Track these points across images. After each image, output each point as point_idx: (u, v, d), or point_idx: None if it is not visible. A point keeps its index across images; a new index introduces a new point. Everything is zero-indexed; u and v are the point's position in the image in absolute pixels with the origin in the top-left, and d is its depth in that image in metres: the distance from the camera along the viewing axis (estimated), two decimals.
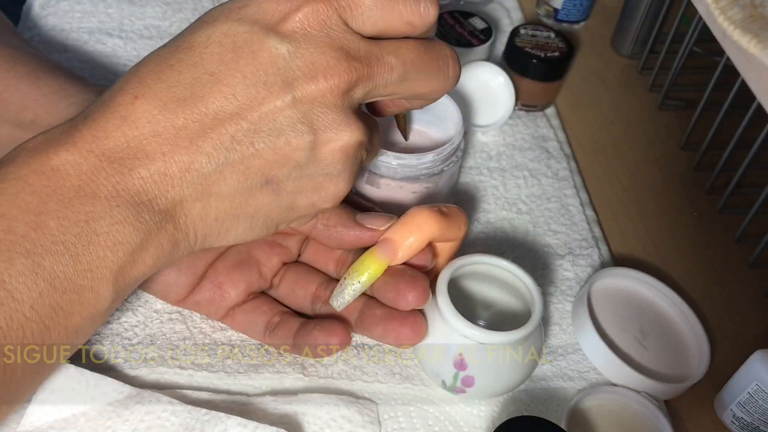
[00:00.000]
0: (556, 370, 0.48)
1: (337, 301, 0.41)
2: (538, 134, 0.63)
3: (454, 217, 0.42)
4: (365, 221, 0.41)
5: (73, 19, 0.64)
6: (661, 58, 0.68)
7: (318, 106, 0.33)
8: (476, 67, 0.61)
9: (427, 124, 0.54)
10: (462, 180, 0.58)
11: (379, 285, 0.41)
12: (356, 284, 0.40)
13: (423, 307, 0.41)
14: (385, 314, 0.41)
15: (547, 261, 0.54)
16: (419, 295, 0.40)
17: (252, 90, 0.32)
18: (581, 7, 0.73)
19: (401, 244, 0.40)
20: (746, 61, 0.33)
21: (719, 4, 0.34)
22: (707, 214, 0.60)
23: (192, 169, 0.32)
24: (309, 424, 0.41)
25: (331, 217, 0.41)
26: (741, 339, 0.52)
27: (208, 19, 0.34)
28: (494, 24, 0.68)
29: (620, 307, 0.51)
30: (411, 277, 0.40)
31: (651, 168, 0.63)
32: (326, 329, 0.41)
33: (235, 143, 0.33)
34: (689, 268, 0.56)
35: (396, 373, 0.45)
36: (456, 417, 0.44)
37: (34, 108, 0.43)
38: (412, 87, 0.37)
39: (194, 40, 0.33)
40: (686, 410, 0.48)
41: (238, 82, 0.32)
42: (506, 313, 0.47)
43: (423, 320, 0.41)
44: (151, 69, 0.33)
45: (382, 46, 0.35)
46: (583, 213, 0.58)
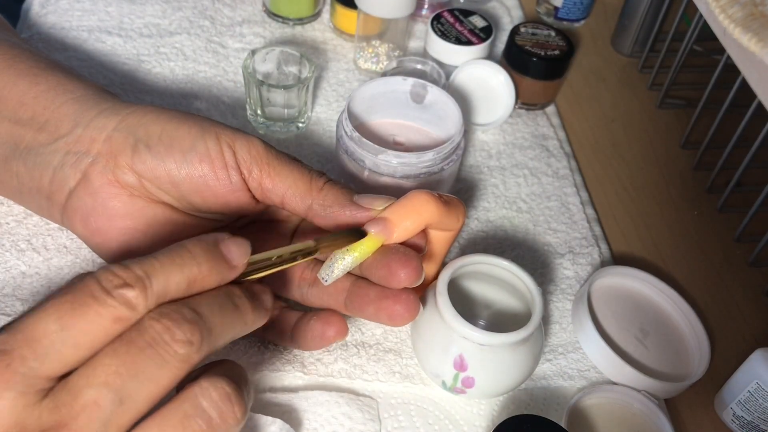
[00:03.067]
0: (556, 369, 0.48)
1: (325, 273, 0.38)
2: (538, 133, 0.63)
3: (453, 206, 0.41)
4: (362, 201, 0.40)
5: (72, 17, 0.64)
6: (661, 57, 0.68)
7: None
8: (476, 66, 0.61)
9: (427, 123, 0.54)
10: (462, 178, 0.58)
11: (370, 263, 0.39)
12: (347, 259, 0.38)
13: (415, 285, 0.40)
14: (378, 293, 0.40)
15: (548, 260, 0.54)
16: (411, 273, 0.38)
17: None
18: (581, 5, 0.73)
19: (397, 223, 0.39)
20: (746, 59, 0.33)
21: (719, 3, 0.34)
22: (707, 212, 0.60)
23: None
24: (309, 420, 0.41)
25: (327, 197, 0.40)
26: (741, 337, 0.52)
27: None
28: (494, 22, 0.68)
29: (620, 306, 0.51)
30: (403, 255, 0.39)
31: (651, 167, 0.63)
32: (323, 319, 0.41)
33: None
34: (689, 266, 0.56)
35: (396, 371, 0.45)
36: (456, 416, 0.44)
37: (33, 105, 0.43)
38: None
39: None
40: (686, 409, 0.48)
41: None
42: (506, 312, 0.47)
43: (416, 298, 0.40)
44: None
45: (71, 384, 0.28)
46: (583, 212, 0.58)
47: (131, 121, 0.41)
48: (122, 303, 0.28)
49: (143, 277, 0.29)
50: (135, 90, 0.59)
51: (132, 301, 0.28)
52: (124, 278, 0.29)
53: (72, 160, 0.41)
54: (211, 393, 0.29)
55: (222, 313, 0.31)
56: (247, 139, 0.41)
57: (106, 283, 0.28)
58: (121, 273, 0.29)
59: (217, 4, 0.68)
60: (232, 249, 0.32)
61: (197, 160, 0.40)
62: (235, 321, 0.32)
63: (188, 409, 0.29)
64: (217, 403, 0.29)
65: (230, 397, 0.29)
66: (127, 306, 0.28)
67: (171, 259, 0.30)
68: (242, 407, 0.30)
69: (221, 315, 0.31)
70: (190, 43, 0.64)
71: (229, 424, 0.29)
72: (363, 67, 0.65)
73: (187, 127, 0.41)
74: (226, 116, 0.59)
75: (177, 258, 0.30)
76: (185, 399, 0.29)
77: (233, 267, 0.32)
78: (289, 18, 0.67)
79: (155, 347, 0.28)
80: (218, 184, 0.40)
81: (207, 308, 0.30)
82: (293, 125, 0.58)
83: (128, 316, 0.28)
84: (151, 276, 0.29)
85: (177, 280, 0.30)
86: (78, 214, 0.42)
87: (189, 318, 0.29)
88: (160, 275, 0.29)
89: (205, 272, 0.31)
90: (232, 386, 0.30)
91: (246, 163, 0.40)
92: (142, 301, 0.29)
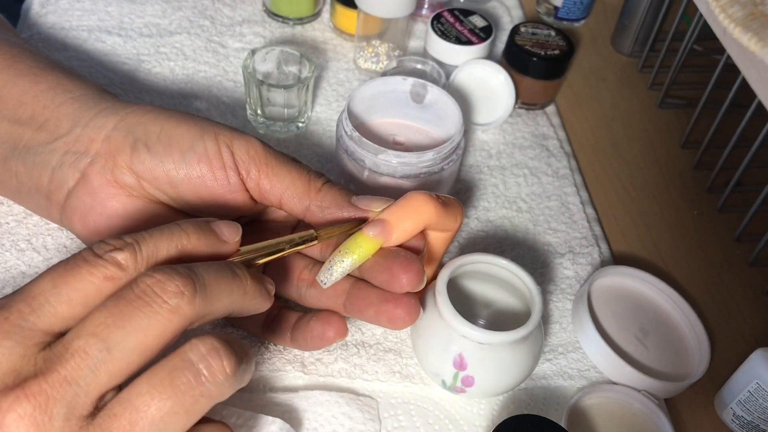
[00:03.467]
0: (556, 369, 0.48)
1: (324, 276, 0.39)
2: (538, 132, 0.63)
3: (451, 207, 0.41)
4: (360, 203, 0.40)
5: (72, 17, 0.64)
6: (661, 57, 0.68)
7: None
8: (476, 66, 0.61)
9: (427, 123, 0.54)
10: (462, 178, 0.58)
11: (370, 266, 0.39)
12: (346, 262, 0.38)
13: (417, 290, 0.39)
14: (379, 296, 0.39)
15: (547, 259, 0.54)
16: (413, 278, 0.38)
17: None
18: (581, 5, 0.73)
19: (396, 225, 0.39)
20: (747, 59, 0.33)
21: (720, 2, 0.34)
22: (707, 212, 0.60)
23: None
24: (309, 420, 0.41)
25: (325, 198, 0.40)
26: (741, 337, 0.52)
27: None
28: (494, 22, 0.68)
29: (620, 306, 0.51)
30: (405, 259, 0.39)
31: (651, 166, 0.63)
32: (323, 319, 0.41)
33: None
34: (689, 266, 0.56)
35: (396, 371, 0.45)
36: (456, 415, 0.44)
37: (32, 104, 0.43)
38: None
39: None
40: (686, 409, 0.48)
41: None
42: (506, 311, 0.47)
43: (416, 301, 0.40)
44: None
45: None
46: (583, 211, 0.58)
47: (130, 121, 0.41)
48: (112, 263, 0.30)
49: (133, 242, 0.31)
50: (135, 90, 0.59)
51: (122, 262, 0.30)
52: (114, 244, 0.31)
53: (71, 160, 0.41)
54: (199, 347, 0.30)
55: (218, 274, 0.32)
56: (246, 139, 0.41)
57: (98, 249, 0.31)
58: (112, 241, 0.31)
59: (217, 4, 0.68)
60: (222, 226, 0.35)
61: (195, 160, 0.40)
62: (233, 286, 0.32)
63: (176, 363, 0.29)
64: (205, 356, 0.29)
65: (218, 351, 0.30)
66: (117, 266, 0.30)
67: (160, 231, 0.32)
68: (232, 362, 0.30)
69: (217, 276, 0.32)
70: (190, 42, 0.64)
71: (219, 379, 0.29)
72: (363, 66, 0.65)
73: (186, 127, 0.41)
74: (226, 116, 0.59)
75: (166, 230, 0.33)
76: (174, 355, 0.30)
77: (223, 241, 0.34)
78: (289, 18, 0.67)
79: (144, 298, 0.29)
80: (216, 184, 0.40)
81: (203, 268, 0.31)
82: (293, 125, 0.58)
83: (119, 275, 0.30)
84: (140, 242, 0.31)
85: (167, 247, 0.32)
86: (77, 214, 0.42)
87: (182, 272, 0.30)
88: (149, 241, 0.32)
89: (194, 241, 0.33)
90: (221, 341, 0.30)
91: (244, 163, 0.40)
92: (131, 262, 0.31)
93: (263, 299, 0.35)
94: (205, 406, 0.30)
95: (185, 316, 0.30)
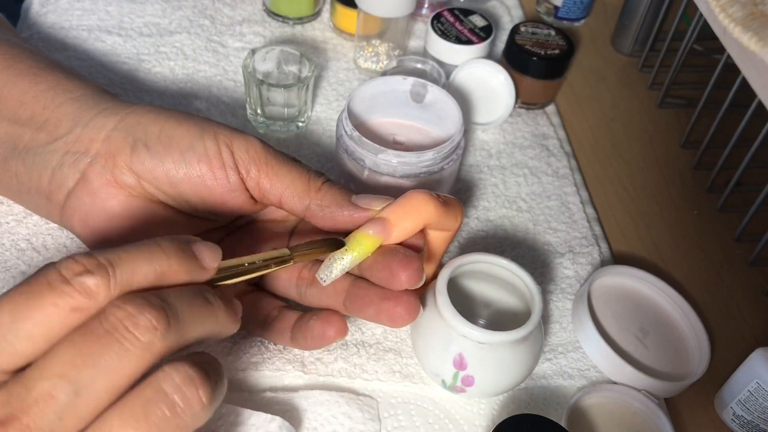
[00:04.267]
0: (556, 369, 0.48)
1: (323, 274, 0.38)
2: (538, 132, 0.63)
3: (451, 206, 0.41)
4: (360, 202, 0.40)
5: (72, 16, 0.64)
6: (661, 57, 0.68)
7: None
8: (476, 65, 0.61)
9: (427, 122, 0.54)
10: (462, 178, 0.58)
11: (370, 264, 0.39)
12: (345, 260, 0.38)
13: (416, 287, 0.39)
14: (379, 294, 0.39)
15: (548, 259, 0.54)
16: (413, 275, 0.38)
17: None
18: (581, 4, 0.73)
19: (396, 223, 0.39)
20: (747, 58, 0.33)
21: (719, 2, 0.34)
22: (707, 212, 0.60)
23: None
24: (309, 420, 0.41)
25: (325, 197, 0.40)
26: (741, 337, 0.52)
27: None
28: (494, 21, 0.68)
29: (620, 306, 0.51)
30: (404, 257, 0.38)
31: (651, 166, 0.63)
32: (323, 319, 0.41)
33: None
34: (689, 266, 0.56)
35: (396, 371, 0.45)
36: (456, 415, 0.44)
37: (32, 104, 0.43)
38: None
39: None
40: (686, 408, 0.48)
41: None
42: (506, 311, 0.47)
43: (416, 299, 0.40)
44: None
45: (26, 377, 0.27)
46: (583, 211, 0.58)
47: (130, 121, 0.41)
48: (81, 291, 0.27)
49: (106, 264, 0.28)
50: (135, 89, 0.59)
51: (92, 289, 0.27)
52: (85, 265, 0.27)
53: (71, 160, 0.41)
54: (173, 377, 0.28)
55: (191, 303, 0.30)
56: (246, 138, 0.41)
57: (66, 271, 0.27)
58: (82, 260, 0.27)
59: (217, 4, 0.68)
60: (203, 250, 0.31)
61: (195, 160, 0.40)
62: (205, 315, 0.30)
63: (150, 395, 0.27)
64: (180, 387, 0.27)
65: (194, 380, 0.28)
66: (86, 294, 0.27)
67: (139, 251, 0.29)
68: (207, 391, 0.28)
69: (190, 305, 0.29)
70: (190, 42, 0.64)
71: (195, 410, 0.28)
72: (363, 66, 0.65)
73: (186, 126, 0.41)
74: (225, 116, 0.59)
75: (146, 250, 0.29)
76: (147, 385, 0.27)
77: (203, 268, 0.31)
78: (289, 17, 0.67)
79: (114, 334, 0.27)
80: (216, 184, 0.40)
81: (175, 297, 0.29)
82: (293, 125, 0.58)
83: (87, 305, 0.27)
84: (115, 264, 0.28)
85: (144, 271, 0.29)
86: (77, 214, 0.42)
87: (154, 303, 0.28)
88: (125, 264, 0.28)
89: (174, 267, 0.30)
90: (196, 369, 0.28)
91: (244, 163, 0.40)
92: (103, 290, 0.27)
93: (233, 325, 0.33)
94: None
95: (158, 352, 0.28)
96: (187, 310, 0.29)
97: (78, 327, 0.27)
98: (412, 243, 0.40)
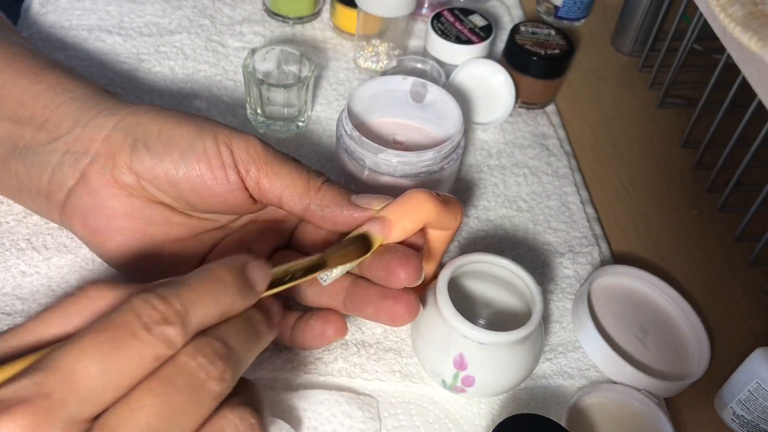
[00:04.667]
0: (556, 368, 0.48)
1: (324, 274, 0.38)
2: (538, 132, 0.63)
3: (450, 205, 0.41)
4: (360, 201, 0.40)
5: (72, 16, 0.64)
6: (661, 56, 0.68)
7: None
8: (476, 65, 0.61)
9: (427, 122, 0.54)
10: (462, 177, 0.58)
11: (369, 263, 0.39)
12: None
13: (415, 285, 0.39)
14: (378, 293, 0.39)
15: (548, 259, 0.54)
16: (411, 273, 0.38)
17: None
18: (581, 4, 0.73)
19: (396, 223, 0.39)
20: (747, 58, 0.33)
21: (719, 2, 0.34)
22: (707, 212, 0.60)
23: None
24: (309, 419, 0.41)
25: (325, 197, 0.40)
26: (741, 337, 0.52)
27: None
28: (494, 21, 0.68)
29: (620, 305, 0.51)
30: (403, 255, 0.38)
31: (651, 166, 0.63)
32: (322, 318, 0.41)
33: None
34: (689, 266, 0.56)
35: (396, 370, 0.45)
36: (456, 415, 0.44)
37: (32, 104, 0.43)
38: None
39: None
40: (686, 408, 0.48)
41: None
42: (506, 311, 0.47)
43: (416, 298, 0.40)
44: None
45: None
46: (583, 211, 0.58)
47: (130, 121, 0.41)
48: (163, 342, 0.27)
49: (182, 312, 0.28)
50: (135, 89, 0.59)
51: (172, 340, 0.28)
52: (163, 313, 0.28)
53: (71, 160, 0.41)
54: (237, 425, 0.29)
55: (248, 343, 0.30)
56: (245, 138, 0.41)
57: (146, 318, 0.27)
58: (160, 307, 0.28)
59: (217, 3, 0.68)
60: (258, 274, 0.32)
61: (195, 159, 0.40)
62: (257, 348, 0.31)
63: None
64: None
65: (254, 427, 0.29)
66: (168, 345, 0.27)
67: (206, 288, 0.29)
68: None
69: (246, 344, 0.30)
70: (190, 42, 0.64)
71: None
72: (363, 66, 0.65)
73: (186, 126, 0.41)
74: (226, 115, 0.59)
75: (211, 287, 0.29)
76: (209, 428, 0.28)
77: (257, 293, 0.32)
78: (289, 17, 0.67)
79: (193, 386, 0.27)
80: (216, 183, 0.40)
81: (235, 340, 0.30)
82: (293, 124, 0.58)
83: (168, 354, 0.28)
84: (189, 310, 0.28)
85: (212, 314, 0.29)
86: (77, 214, 0.42)
87: (221, 354, 0.28)
88: (198, 308, 0.29)
89: (237, 301, 0.30)
90: (256, 416, 0.29)
91: (244, 162, 0.40)
92: (181, 339, 0.28)
93: (273, 336, 0.33)
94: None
95: (222, 396, 0.28)
96: (244, 351, 0.30)
97: (153, 372, 0.27)
98: (411, 242, 0.40)
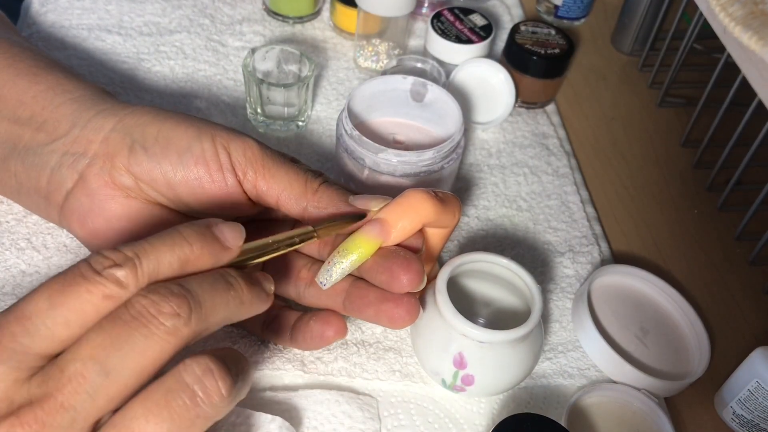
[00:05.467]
0: (556, 368, 0.48)
1: (323, 278, 0.38)
2: (538, 131, 0.63)
3: (449, 203, 0.41)
4: (357, 202, 0.40)
5: (72, 15, 0.64)
6: (661, 56, 0.68)
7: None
8: (476, 64, 0.61)
9: (427, 122, 0.54)
10: (462, 177, 0.58)
11: (370, 266, 0.39)
12: (345, 263, 0.38)
13: (417, 290, 0.39)
14: (378, 296, 0.39)
15: (548, 258, 0.54)
16: (414, 278, 0.38)
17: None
18: (582, 4, 0.72)
19: (394, 224, 0.39)
20: (747, 58, 0.33)
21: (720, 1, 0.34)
22: (707, 211, 0.60)
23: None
24: (309, 419, 0.41)
25: (322, 199, 0.40)
26: (741, 336, 0.52)
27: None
28: (494, 21, 0.68)
29: (620, 305, 0.51)
30: (405, 259, 0.38)
31: (651, 165, 0.63)
32: (322, 319, 0.41)
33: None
34: (689, 265, 0.56)
35: (396, 370, 0.45)
36: (456, 414, 0.44)
37: (32, 104, 0.43)
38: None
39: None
40: (686, 408, 0.48)
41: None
42: (506, 310, 0.47)
43: (416, 300, 0.40)
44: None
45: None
46: (583, 210, 0.58)
47: (128, 123, 0.41)
48: (112, 281, 0.29)
49: (133, 257, 0.30)
50: (135, 88, 0.59)
51: (121, 280, 0.29)
52: (114, 259, 0.29)
53: (69, 161, 0.41)
54: (194, 368, 0.29)
55: (213, 288, 0.31)
56: (243, 140, 0.41)
57: (97, 264, 0.29)
58: (111, 255, 0.29)
59: (216, 3, 0.68)
60: (225, 231, 0.33)
61: (192, 161, 0.40)
62: (228, 298, 0.32)
63: (171, 385, 0.29)
64: (200, 378, 0.29)
65: (213, 371, 0.29)
66: (117, 284, 0.29)
67: (162, 241, 0.31)
68: (227, 382, 0.30)
69: (212, 290, 0.31)
70: (190, 41, 0.64)
71: (214, 400, 0.29)
72: (363, 65, 0.65)
73: (184, 128, 0.41)
74: (225, 115, 0.59)
75: (168, 239, 0.31)
76: (169, 376, 0.29)
77: (227, 248, 0.33)
78: (289, 16, 0.67)
79: (140, 320, 0.29)
80: (214, 186, 0.40)
81: (197, 284, 0.31)
82: (293, 124, 0.58)
83: (118, 293, 0.29)
84: (141, 256, 0.30)
85: (168, 260, 0.31)
86: (75, 215, 0.42)
87: (176, 292, 0.30)
88: (150, 255, 0.30)
89: (197, 252, 0.31)
90: (215, 361, 0.30)
91: (241, 165, 0.40)
92: (132, 280, 0.29)
93: (261, 302, 0.34)
94: (201, 428, 0.29)
95: (182, 336, 0.29)
96: (209, 295, 0.31)
97: (108, 315, 0.29)
98: (410, 244, 0.40)
